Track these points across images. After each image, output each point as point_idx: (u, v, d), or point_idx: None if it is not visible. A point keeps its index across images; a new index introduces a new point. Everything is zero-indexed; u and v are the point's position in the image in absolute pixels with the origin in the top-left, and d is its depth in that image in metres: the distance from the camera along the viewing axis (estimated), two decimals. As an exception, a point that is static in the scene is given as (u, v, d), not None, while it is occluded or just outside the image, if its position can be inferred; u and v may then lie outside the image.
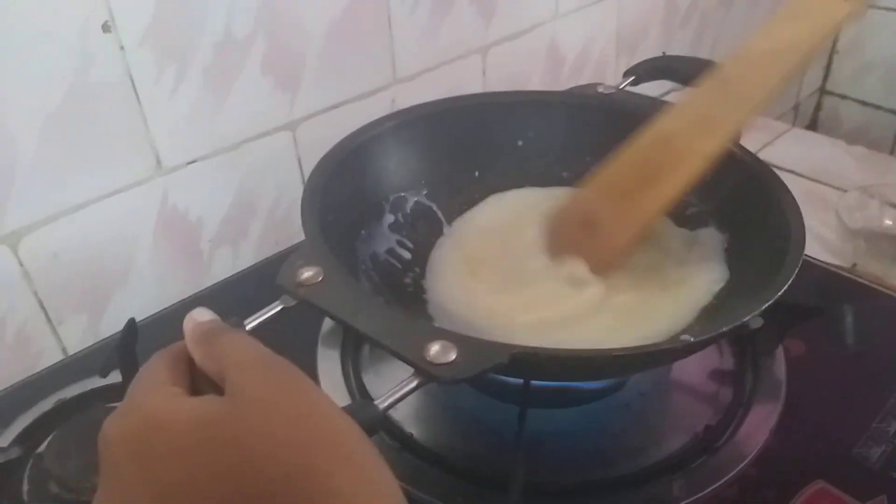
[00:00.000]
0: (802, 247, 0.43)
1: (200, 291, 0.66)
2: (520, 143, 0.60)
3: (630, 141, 0.48)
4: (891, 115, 1.49)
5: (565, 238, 0.50)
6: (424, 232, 0.57)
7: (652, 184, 0.46)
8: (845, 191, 0.80)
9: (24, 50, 0.51)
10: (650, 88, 0.63)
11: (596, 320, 0.47)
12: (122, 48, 0.55)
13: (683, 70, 0.61)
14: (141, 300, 0.63)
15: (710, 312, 0.47)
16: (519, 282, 0.50)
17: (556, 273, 0.49)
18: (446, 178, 0.58)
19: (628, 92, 0.62)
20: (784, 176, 0.51)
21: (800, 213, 0.46)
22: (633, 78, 0.62)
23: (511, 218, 0.56)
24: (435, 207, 0.58)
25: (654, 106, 0.58)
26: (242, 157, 0.67)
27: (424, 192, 0.57)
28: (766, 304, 0.39)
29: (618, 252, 0.48)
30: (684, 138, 0.45)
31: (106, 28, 0.54)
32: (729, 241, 0.52)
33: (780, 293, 0.39)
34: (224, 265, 0.69)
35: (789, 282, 0.40)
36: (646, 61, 0.63)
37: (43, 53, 0.52)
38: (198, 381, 0.31)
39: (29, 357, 0.59)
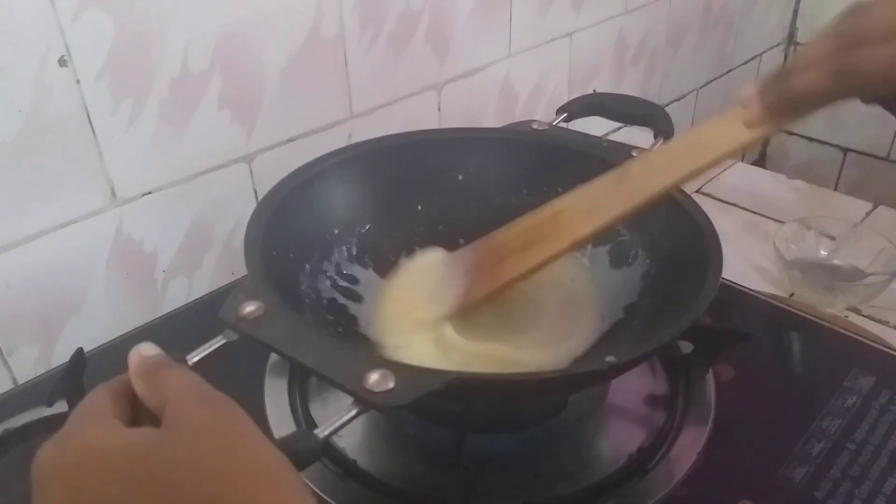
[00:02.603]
0: (719, 270, 0.45)
1: (154, 320, 0.67)
2: (460, 177, 0.63)
3: (533, 210, 0.53)
4: (836, 150, 1.56)
5: (452, 276, 0.55)
6: (369, 264, 0.59)
7: (526, 252, 0.51)
8: (783, 223, 0.84)
9: (-19, 82, 0.52)
10: (589, 126, 0.67)
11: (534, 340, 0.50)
12: (78, 82, 0.57)
13: (613, 107, 0.65)
14: (94, 329, 0.64)
15: (637, 336, 0.49)
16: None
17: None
18: (390, 212, 0.60)
19: (560, 128, 0.65)
20: (726, 208, 0.54)
21: (717, 238, 0.49)
22: (565, 115, 0.65)
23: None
24: (378, 240, 0.60)
25: (584, 141, 0.61)
26: (199, 189, 0.68)
27: (368, 225, 0.59)
28: (686, 326, 0.41)
29: (478, 300, 0.52)
30: (568, 219, 0.50)
31: (62, 62, 0.56)
32: (658, 269, 0.55)
33: (699, 314, 0.42)
34: (178, 295, 0.70)
35: (707, 304, 0.42)
36: (578, 98, 0.67)
37: (1, 86, 0.53)
38: (139, 415, 0.33)
39: (-22, 386, 0.59)
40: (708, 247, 0.47)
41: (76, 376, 0.48)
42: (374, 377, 0.36)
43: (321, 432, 0.35)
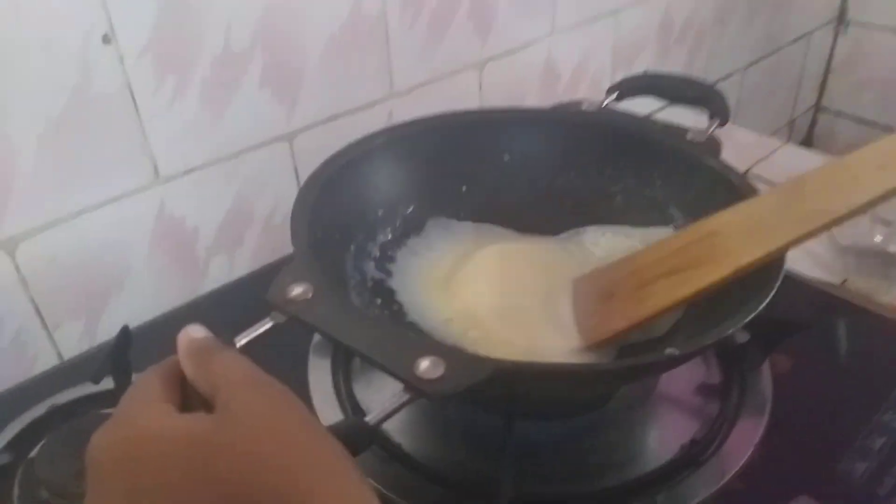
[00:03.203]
0: (783, 260, 0.43)
1: (196, 299, 0.67)
2: (506, 157, 0.61)
3: (683, 229, 0.47)
4: (885, 132, 1.50)
5: (583, 300, 0.50)
6: (412, 246, 0.57)
7: (676, 277, 0.45)
8: (836, 208, 0.81)
9: (26, 59, 0.52)
10: (635, 105, 0.64)
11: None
12: (121, 59, 0.56)
13: (665, 87, 0.62)
14: (137, 306, 0.64)
15: (694, 326, 0.48)
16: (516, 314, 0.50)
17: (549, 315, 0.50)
18: (434, 193, 0.59)
19: (610, 108, 0.63)
20: (777, 191, 0.51)
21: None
22: (615, 95, 0.63)
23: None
24: (423, 221, 0.59)
25: (637, 123, 0.59)
26: (240, 167, 0.67)
27: (412, 206, 0.58)
28: (749, 318, 0.39)
29: (616, 333, 0.47)
30: (727, 241, 0.43)
31: (106, 40, 0.55)
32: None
33: (762, 306, 0.40)
34: (220, 273, 0.70)
35: (771, 295, 0.40)
36: (628, 79, 0.64)
37: (44, 63, 0.53)
38: (189, 397, 0.32)
39: (24, 362, 0.60)
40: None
41: (122, 354, 0.48)
42: (424, 364, 0.35)
43: (372, 420, 0.34)
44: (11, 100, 0.52)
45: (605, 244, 0.57)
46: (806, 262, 0.76)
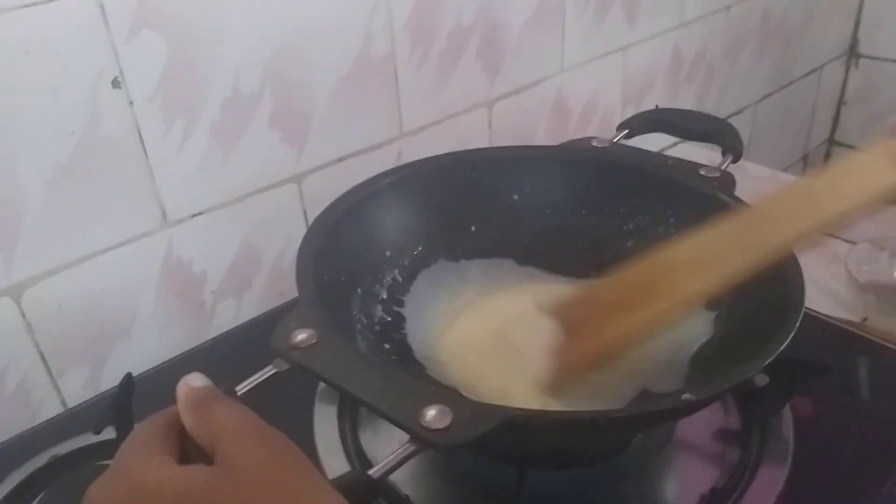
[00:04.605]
0: (802, 299, 0.42)
1: (202, 344, 0.66)
2: (515, 197, 0.60)
3: (638, 259, 0.46)
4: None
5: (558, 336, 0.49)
6: (421, 287, 0.56)
7: (634, 309, 0.44)
8: (854, 243, 0.79)
9: (36, 103, 0.52)
10: (645, 142, 0.64)
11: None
12: (130, 103, 0.57)
13: (677, 122, 0.62)
14: (142, 352, 0.63)
15: (710, 369, 0.46)
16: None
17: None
18: (442, 234, 0.58)
19: (621, 145, 0.62)
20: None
21: (798, 265, 0.45)
22: (626, 131, 0.62)
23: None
24: (432, 262, 0.58)
25: (648, 159, 0.58)
26: (248, 210, 0.67)
27: (421, 247, 0.57)
28: (769, 359, 0.38)
29: (578, 366, 0.46)
30: (683, 271, 0.43)
31: (116, 84, 0.55)
32: (730, 294, 0.51)
33: (782, 347, 0.39)
34: (227, 317, 0.69)
35: (791, 335, 0.39)
36: (639, 114, 0.64)
37: (53, 107, 0.53)
38: (188, 448, 0.31)
39: (29, 409, 0.59)
40: (787, 270, 0.44)
41: (125, 403, 0.47)
42: (431, 413, 0.34)
43: (376, 472, 0.33)
44: (20, 144, 0.52)
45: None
46: (824, 300, 0.75)
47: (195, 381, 0.33)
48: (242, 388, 0.37)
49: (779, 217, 0.42)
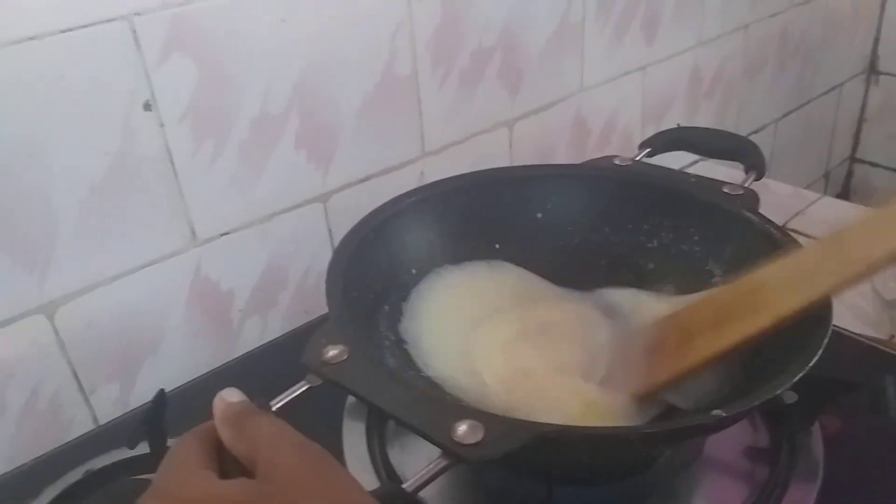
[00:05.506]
0: (830, 316, 0.42)
1: (230, 361, 0.67)
2: (539, 215, 0.60)
3: (727, 285, 0.47)
4: (924, 182, 1.48)
5: (624, 356, 0.50)
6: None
7: (718, 328, 0.45)
8: (880, 260, 0.79)
9: (71, 126, 0.54)
10: (666, 160, 0.64)
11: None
12: (161, 125, 0.58)
13: (698, 140, 0.62)
14: (171, 370, 0.64)
15: (736, 387, 0.46)
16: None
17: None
18: (466, 252, 0.58)
19: (644, 163, 0.62)
20: (816, 245, 0.50)
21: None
22: (648, 150, 0.63)
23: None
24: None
25: (671, 177, 0.58)
26: (274, 229, 0.68)
27: (446, 265, 0.58)
28: (798, 376, 0.38)
29: (661, 384, 0.46)
30: (769, 293, 0.43)
31: (147, 106, 0.57)
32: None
33: (811, 363, 0.39)
34: (253, 335, 0.70)
35: (820, 352, 0.39)
36: (661, 133, 0.64)
37: (88, 130, 0.54)
38: (226, 462, 0.32)
39: (61, 425, 0.60)
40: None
41: (158, 418, 0.48)
42: (462, 428, 0.34)
43: (410, 486, 0.33)
44: (56, 165, 0.54)
45: (639, 307, 0.56)
46: (850, 317, 0.74)
47: (231, 396, 0.34)
48: (276, 403, 0.37)
49: (873, 237, 0.41)
